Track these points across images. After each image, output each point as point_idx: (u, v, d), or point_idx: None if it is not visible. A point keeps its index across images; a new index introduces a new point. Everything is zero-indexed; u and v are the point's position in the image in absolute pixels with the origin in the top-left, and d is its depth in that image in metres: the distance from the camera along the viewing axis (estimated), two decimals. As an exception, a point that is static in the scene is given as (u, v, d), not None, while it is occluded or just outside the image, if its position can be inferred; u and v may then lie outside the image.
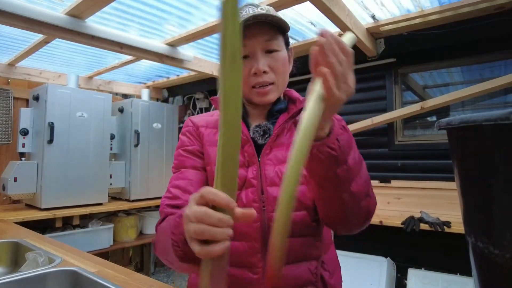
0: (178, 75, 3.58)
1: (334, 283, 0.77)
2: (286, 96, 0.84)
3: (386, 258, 2.39)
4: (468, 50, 2.27)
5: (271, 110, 0.80)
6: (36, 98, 2.65)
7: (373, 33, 2.45)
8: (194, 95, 3.87)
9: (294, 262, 0.72)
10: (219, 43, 0.41)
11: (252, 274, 0.71)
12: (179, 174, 0.77)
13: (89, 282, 0.96)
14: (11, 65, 2.85)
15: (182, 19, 2.17)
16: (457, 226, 2.01)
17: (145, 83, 3.93)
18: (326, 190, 0.59)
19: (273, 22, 0.73)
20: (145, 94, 3.58)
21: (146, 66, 3.19)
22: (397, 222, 2.20)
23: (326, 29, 0.48)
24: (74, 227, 2.67)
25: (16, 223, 1.98)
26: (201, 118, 0.86)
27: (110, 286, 0.90)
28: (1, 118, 2.82)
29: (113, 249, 2.97)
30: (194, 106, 3.91)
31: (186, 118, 0.79)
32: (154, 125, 3.36)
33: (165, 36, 2.47)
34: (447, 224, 2.03)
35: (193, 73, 3.31)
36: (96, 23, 2.15)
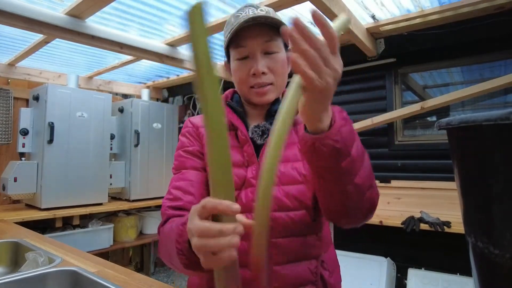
0: (178, 75, 3.58)
1: (334, 282, 0.78)
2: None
3: (386, 258, 2.39)
4: (468, 50, 2.27)
5: (270, 110, 0.80)
6: (36, 98, 2.65)
7: (373, 33, 2.45)
8: (194, 95, 3.87)
9: (294, 261, 0.72)
10: (191, 55, 0.39)
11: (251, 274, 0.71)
12: (180, 175, 0.77)
13: (89, 282, 0.96)
14: (11, 65, 2.85)
15: (182, 19, 2.17)
16: (457, 226, 2.01)
17: (145, 83, 3.93)
18: (329, 183, 0.57)
19: (272, 24, 0.73)
20: (145, 94, 3.58)
21: (146, 66, 3.19)
22: (397, 222, 2.19)
23: (298, 17, 0.45)
24: (74, 227, 2.67)
25: (16, 223, 1.98)
26: (200, 118, 0.86)
27: (110, 286, 0.90)
28: (1, 118, 2.82)
29: (113, 249, 2.97)
30: (194, 106, 3.91)
31: (186, 118, 0.79)
32: (154, 125, 3.36)
33: (165, 36, 2.47)
34: (447, 224, 2.03)
35: (193, 73, 3.30)
36: (96, 23, 2.15)
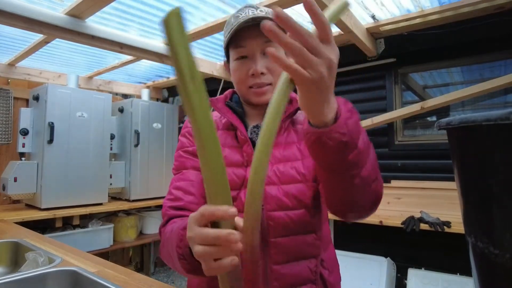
0: (178, 75, 3.58)
1: (333, 281, 0.78)
2: None
3: (386, 258, 2.39)
4: (468, 50, 2.27)
5: None
6: (36, 98, 2.65)
7: (373, 33, 2.45)
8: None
9: (293, 260, 0.72)
10: (172, 63, 0.38)
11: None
12: (180, 175, 0.77)
13: (89, 282, 0.96)
14: (11, 65, 2.85)
15: (182, 19, 2.17)
16: (457, 226, 2.01)
17: (145, 83, 3.93)
18: (335, 176, 0.56)
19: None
20: (145, 94, 3.58)
21: (146, 66, 3.19)
22: (397, 222, 2.19)
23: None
24: (74, 227, 2.68)
25: (16, 223, 1.98)
26: None
27: (110, 286, 0.90)
28: (1, 118, 2.82)
29: (113, 249, 2.97)
30: (194, 106, 3.91)
31: (186, 118, 0.79)
32: (154, 125, 3.36)
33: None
34: (447, 224, 2.03)
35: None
36: (96, 23, 2.15)
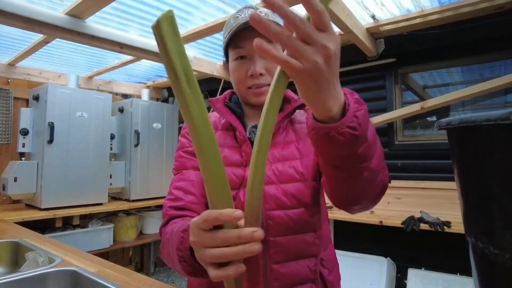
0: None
1: (333, 280, 0.78)
2: None
3: (386, 258, 2.39)
4: (468, 50, 2.27)
5: None
6: (36, 98, 2.65)
7: (373, 33, 2.45)
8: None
9: (293, 259, 0.72)
10: (166, 67, 0.37)
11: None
12: (180, 175, 0.78)
13: (89, 282, 0.96)
14: (11, 65, 2.85)
15: (182, 19, 2.17)
16: (457, 226, 2.01)
17: (145, 83, 3.93)
18: (343, 171, 0.55)
19: None
20: (145, 94, 3.58)
21: (146, 66, 3.19)
22: (397, 222, 2.19)
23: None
24: (74, 227, 2.68)
25: (16, 223, 1.98)
26: None
27: (110, 286, 0.90)
28: (1, 118, 2.82)
29: (113, 249, 2.97)
30: (194, 106, 3.91)
31: (185, 121, 0.78)
32: (154, 125, 3.36)
33: (165, 36, 2.47)
34: (447, 224, 2.03)
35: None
36: (96, 23, 2.15)
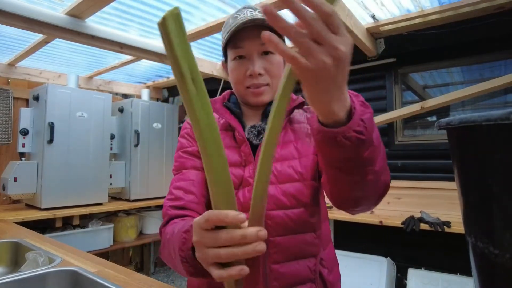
0: (178, 75, 3.58)
1: (333, 280, 0.78)
2: None
3: (386, 258, 2.39)
4: (468, 50, 2.27)
5: (266, 111, 0.81)
6: (36, 98, 2.65)
7: (373, 33, 2.45)
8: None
9: (292, 259, 0.72)
10: (171, 65, 0.37)
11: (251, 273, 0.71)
12: (180, 175, 0.78)
13: (89, 282, 0.96)
14: (11, 65, 2.85)
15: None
16: (457, 226, 2.01)
17: (145, 83, 3.93)
18: (348, 174, 0.54)
19: (270, 26, 0.73)
20: (145, 94, 3.58)
21: (146, 66, 3.19)
22: (397, 222, 2.19)
23: None
24: (74, 227, 2.68)
25: (16, 223, 1.98)
26: None
27: (110, 286, 0.90)
28: (1, 118, 2.82)
29: (113, 249, 2.97)
30: (194, 106, 3.91)
31: (186, 118, 0.79)
32: (154, 125, 3.36)
33: (165, 36, 2.47)
34: (447, 224, 2.03)
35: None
36: (96, 23, 2.15)
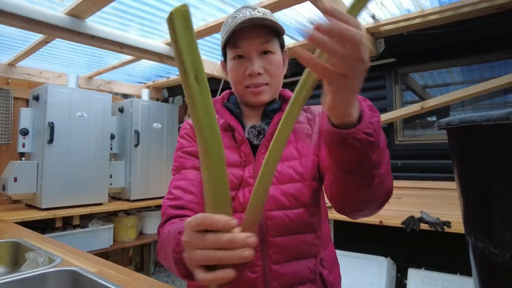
0: (178, 75, 3.58)
1: (333, 281, 0.78)
2: (280, 96, 0.85)
3: (386, 258, 2.39)
4: (468, 50, 2.27)
5: (266, 111, 0.81)
6: (36, 98, 2.65)
7: (373, 33, 2.45)
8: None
9: (292, 260, 0.72)
10: (176, 61, 0.37)
11: (250, 273, 0.71)
12: (180, 175, 0.78)
13: (89, 282, 0.96)
14: (11, 65, 2.85)
15: (182, 19, 2.17)
16: (457, 226, 2.01)
17: (145, 83, 3.93)
18: (356, 177, 0.55)
19: (269, 25, 0.74)
20: (145, 94, 3.58)
21: (146, 66, 3.19)
22: (397, 222, 2.19)
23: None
24: (74, 227, 2.67)
25: (16, 223, 1.98)
26: None
27: (110, 286, 0.90)
28: (1, 118, 2.81)
29: (113, 249, 2.97)
30: (194, 106, 3.91)
31: (186, 118, 0.78)
32: (154, 125, 3.36)
33: (165, 36, 2.47)
34: (447, 224, 2.03)
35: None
36: (96, 23, 2.15)
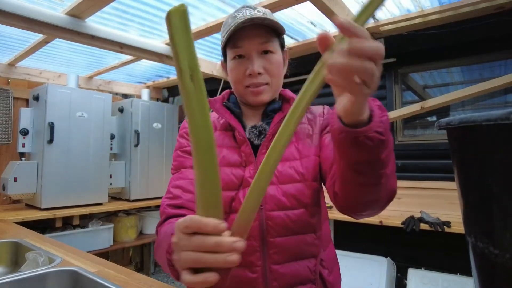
0: (178, 75, 3.58)
1: (333, 281, 0.78)
2: (280, 95, 0.85)
3: (386, 258, 2.39)
4: (468, 50, 2.27)
5: (266, 111, 0.81)
6: (36, 98, 2.65)
7: (373, 33, 2.45)
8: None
9: (293, 260, 0.72)
10: (174, 60, 0.37)
11: (251, 273, 0.71)
12: (179, 174, 0.78)
13: (89, 282, 0.96)
14: (11, 65, 2.85)
15: (182, 19, 2.17)
16: (457, 226, 2.01)
17: (145, 83, 3.93)
18: (365, 176, 0.55)
19: (269, 25, 0.74)
20: (145, 94, 3.58)
21: (146, 66, 3.18)
22: (397, 222, 2.19)
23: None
24: (74, 227, 2.67)
25: (16, 223, 1.98)
26: None
27: (110, 286, 0.90)
28: (1, 118, 2.81)
29: (113, 249, 2.97)
30: (194, 106, 3.91)
31: (185, 119, 0.78)
32: (154, 125, 3.36)
33: (165, 36, 2.47)
34: (447, 224, 2.03)
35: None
36: (96, 23, 2.15)
